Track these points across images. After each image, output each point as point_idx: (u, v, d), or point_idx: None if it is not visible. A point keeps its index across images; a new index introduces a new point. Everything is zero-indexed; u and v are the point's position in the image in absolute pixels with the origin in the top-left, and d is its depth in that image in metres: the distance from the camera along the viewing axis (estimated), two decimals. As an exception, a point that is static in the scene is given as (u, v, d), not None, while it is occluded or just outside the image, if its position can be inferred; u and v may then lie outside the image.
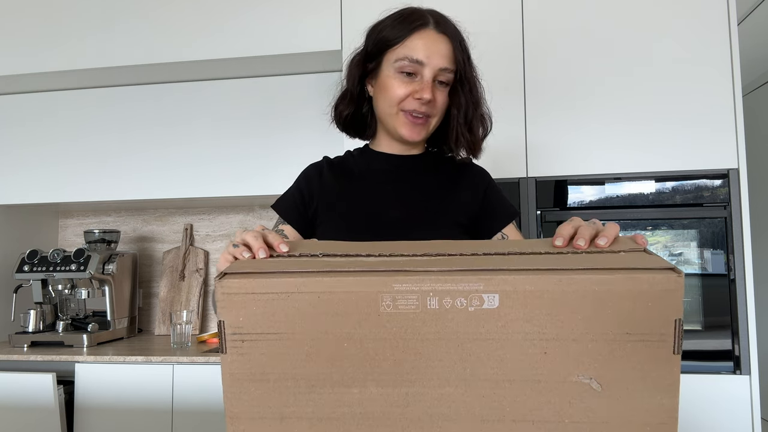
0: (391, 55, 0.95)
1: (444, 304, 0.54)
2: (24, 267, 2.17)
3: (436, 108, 0.96)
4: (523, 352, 0.54)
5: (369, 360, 0.55)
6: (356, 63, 1.02)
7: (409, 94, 0.94)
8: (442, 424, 0.55)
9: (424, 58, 0.92)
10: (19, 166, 2.33)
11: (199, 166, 2.21)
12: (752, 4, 2.14)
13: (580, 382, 0.54)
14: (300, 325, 0.55)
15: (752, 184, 2.75)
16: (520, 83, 1.81)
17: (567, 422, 0.54)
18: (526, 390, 0.54)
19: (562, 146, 1.78)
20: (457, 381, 0.55)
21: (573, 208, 1.77)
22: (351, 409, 0.55)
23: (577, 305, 0.53)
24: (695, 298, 1.69)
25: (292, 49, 2.01)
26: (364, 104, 1.04)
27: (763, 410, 2.61)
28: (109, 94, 2.31)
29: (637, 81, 1.76)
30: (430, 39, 0.93)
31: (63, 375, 1.89)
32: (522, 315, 0.53)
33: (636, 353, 0.53)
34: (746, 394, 1.62)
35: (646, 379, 0.53)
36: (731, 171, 1.69)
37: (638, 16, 1.78)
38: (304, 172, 1.07)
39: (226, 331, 0.55)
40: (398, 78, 0.94)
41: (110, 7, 2.14)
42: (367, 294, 0.54)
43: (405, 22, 0.95)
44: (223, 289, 0.55)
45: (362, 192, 1.01)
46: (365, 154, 1.07)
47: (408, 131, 0.96)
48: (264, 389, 0.55)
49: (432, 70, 0.93)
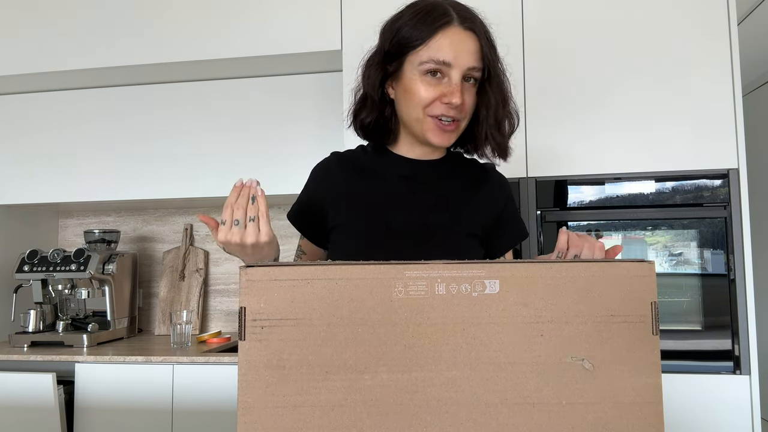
0: (414, 57, 0.87)
1: (450, 289, 0.58)
2: (24, 267, 2.17)
3: (464, 111, 0.89)
4: (522, 334, 0.58)
5: (381, 345, 0.58)
6: (375, 65, 0.93)
7: (437, 98, 0.86)
8: (450, 408, 0.58)
9: (451, 59, 0.85)
10: (19, 166, 2.33)
11: (199, 166, 2.21)
12: (752, 4, 2.14)
13: (574, 362, 0.58)
14: (317, 310, 0.58)
15: (752, 184, 2.75)
16: (520, 83, 1.81)
17: (564, 403, 0.58)
18: (526, 372, 0.58)
19: (562, 146, 1.78)
20: (463, 365, 0.58)
21: (573, 208, 1.77)
22: (362, 396, 0.57)
23: (568, 290, 0.59)
24: (695, 298, 1.69)
25: (292, 49, 2.01)
26: (386, 108, 0.96)
27: (763, 410, 2.61)
28: (110, 94, 2.31)
29: (637, 81, 1.76)
30: (457, 37, 0.85)
31: (63, 375, 1.89)
32: (520, 299, 0.58)
33: (620, 334, 0.59)
34: (746, 394, 1.62)
35: (631, 359, 0.58)
36: (731, 171, 1.69)
37: (638, 16, 1.78)
38: (312, 174, 1.01)
39: (247, 318, 0.57)
40: (424, 80, 0.87)
41: (110, 7, 2.14)
42: (382, 280, 0.58)
43: (427, 18, 0.86)
44: (248, 276, 0.57)
45: (377, 195, 0.95)
46: (382, 153, 0.99)
47: (437, 137, 0.89)
48: (279, 376, 0.57)
49: (460, 70, 0.86)
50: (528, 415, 0.58)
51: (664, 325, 1.69)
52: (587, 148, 1.77)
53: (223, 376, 1.82)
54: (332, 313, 0.58)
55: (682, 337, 1.68)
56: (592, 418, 0.58)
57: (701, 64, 1.73)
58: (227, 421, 1.80)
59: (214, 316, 2.47)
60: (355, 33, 1.95)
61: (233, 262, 2.48)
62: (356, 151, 1.02)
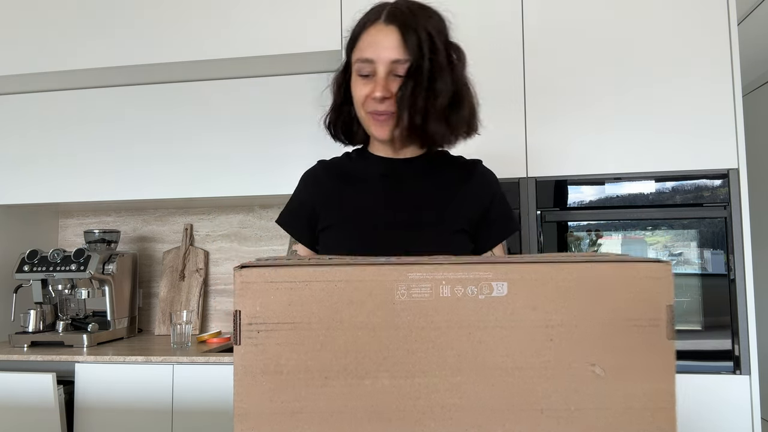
0: (353, 57, 0.93)
1: (456, 292, 0.56)
2: (24, 267, 2.17)
3: (393, 103, 0.90)
4: (531, 338, 0.56)
5: (383, 349, 0.56)
6: (339, 72, 1.00)
7: (368, 94, 0.90)
8: (454, 414, 0.56)
9: (372, 56, 0.89)
10: (19, 166, 2.33)
11: (199, 166, 2.21)
12: (752, 4, 2.14)
13: (585, 368, 0.56)
14: (316, 314, 0.55)
15: (752, 184, 2.75)
16: (520, 83, 1.81)
17: (573, 410, 0.56)
18: (534, 377, 0.56)
19: (562, 146, 1.78)
20: (469, 370, 0.56)
21: (573, 208, 1.77)
22: (363, 403, 0.56)
23: (578, 292, 0.56)
24: (695, 298, 1.69)
25: (292, 49, 2.01)
26: (350, 110, 1.00)
27: (763, 410, 2.61)
28: (109, 94, 2.31)
29: (637, 81, 1.76)
30: (379, 34, 0.89)
31: (63, 375, 1.89)
32: (529, 302, 0.56)
33: (632, 338, 0.56)
34: (746, 394, 1.62)
35: (643, 364, 0.56)
36: (731, 171, 1.69)
37: (638, 15, 1.78)
38: (302, 181, 1.05)
39: (242, 321, 0.55)
40: (358, 81, 0.92)
41: (110, 7, 2.14)
42: (383, 282, 0.56)
43: (361, 20, 0.93)
44: (242, 278, 0.55)
45: (363, 198, 0.98)
46: (363, 156, 1.04)
47: (377, 131, 0.93)
48: (277, 382, 0.55)
49: (384, 65, 0.88)
50: (535, 422, 0.56)
51: (664, 325, 1.69)
52: (587, 148, 1.77)
53: (223, 376, 1.82)
54: (332, 316, 0.56)
55: (682, 337, 1.68)
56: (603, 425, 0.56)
57: (701, 64, 1.73)
58: (227, 422, 1.80)
59: (214, 316, 2.47)
60: (355, 33, 1.95)
61: (233, 262, 2.48)
62: (341, 158, 1.06)
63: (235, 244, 2.50)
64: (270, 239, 2.47)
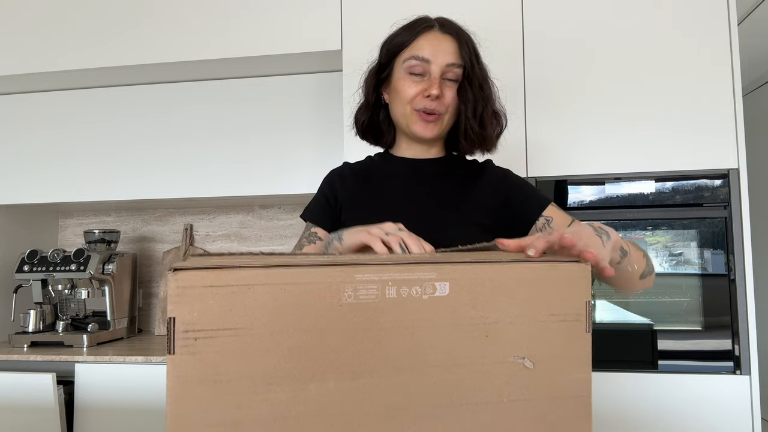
0: (400, 58, 1.00)
1: (401, 292, 0.57)
2: (24, 267, 2.17)
3: (444, 104, 0.98)
4: (469, 336, 0.58)
5: (329, 352, 0.55)
6: (371, 74, 1.07)
7: (419, 92, 0.97)
8: (396, 413, 0.57)
9: (430, 56, 0.96)
10: (19, 166, 2.33)
11: (199, 166, 2.21)
12: (752, 4, 2.13)
13: (516, 361, 0.60)
14: (260, 319, 0.53)
15: (752, 184, 2.75)
16: (520, 83, 1.81)
17: (505, 401, 0.59)
18: (471, 373, 0.59)
19: (562, 146, 1.78)
20: (411, 369, 0.57)
21: (573, 208, 1.77)
22: (307, 407, 0.54)
23: (513, 291, 0.60)
24: (695, 298, 1.69)
25: (292, 49, 2.01)
26: (380, 112, 1.09)
27: (763, 410, 2.61)
28: (109, 94, 2.31)
29: (638, 81, 1.76)
30: (436, 38, 0.98)
31: (63, 375, 1.89)
32: (468, 301, 0.58)
33: (559, 332, 0.61)
34: (746, 394, 1.62)
35: (566, 355, 0.61)
36: (731, 171, 1.69)
37: (638, 16, 1.78)
38: (327, 178, 1.11)
39: (177, 329, 0.51)
40: (408, 78, 0.99)
41: (110, 7, 2.14)
42: (330, 285, 0.55)
43: (412, 27, 1.00)
44: (178, 282, 0.51)
45: (385, 195, 1.04)
46: (386, 158, 1.11)
47: (421, 128, 0.99)
48: (214, 391, 0.52)
49: (439, 66, 0.97)
50: (472, 415, 0.58)
51: (664, 325, 1.69)
52: (587, 148, 1.77)
53: (223, 376, 1.82)
54: (276, 321, 0.53)
55: (682, 337, 1.68)
56: (531, 414, 0.60)
57: (701, 64, 1.73)
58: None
59: (214, 316, 2.47)
60: (355, 33, 1.95)
61: (233, 262, 2.48)
62: (365, 161, 1.13)
63: (235, 244, 2.50)
64: (270, 239, 2.47)
